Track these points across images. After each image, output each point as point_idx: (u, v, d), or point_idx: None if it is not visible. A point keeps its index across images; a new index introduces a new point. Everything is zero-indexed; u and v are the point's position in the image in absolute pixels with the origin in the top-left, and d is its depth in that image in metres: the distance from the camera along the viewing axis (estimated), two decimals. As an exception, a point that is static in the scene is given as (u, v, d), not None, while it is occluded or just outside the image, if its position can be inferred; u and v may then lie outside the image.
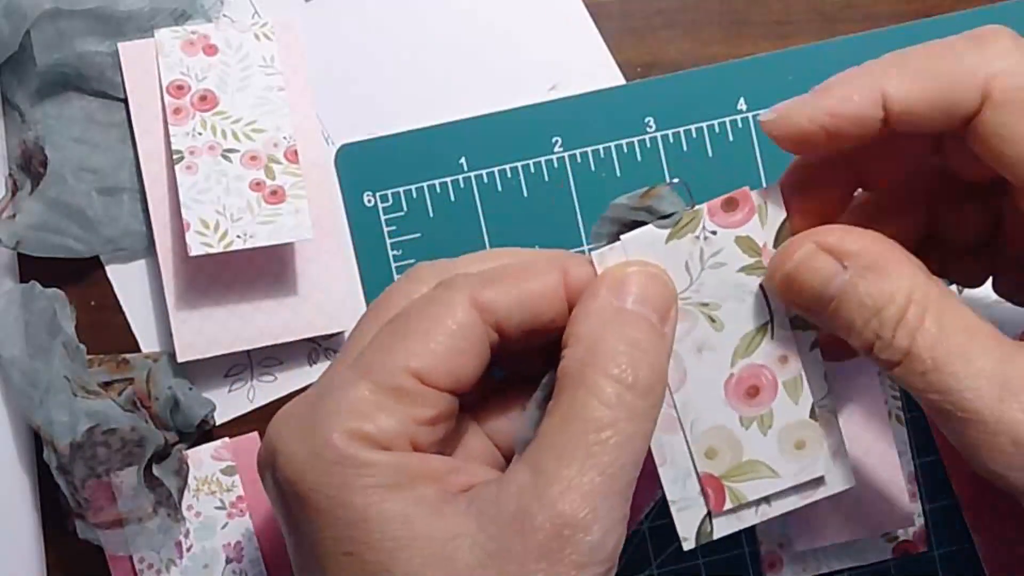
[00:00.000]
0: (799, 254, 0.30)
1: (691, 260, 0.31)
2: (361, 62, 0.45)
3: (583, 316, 0.30)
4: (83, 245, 0.43)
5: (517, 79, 0.45)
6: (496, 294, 0.30)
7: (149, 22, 0.43)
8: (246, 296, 0.44)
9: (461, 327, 0.30)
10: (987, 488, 0.44)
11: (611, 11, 0.45)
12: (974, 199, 0.33)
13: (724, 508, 0.32)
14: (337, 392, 0.29)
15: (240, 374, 0.45)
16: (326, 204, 0.44)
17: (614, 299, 0.30)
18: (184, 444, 0.44)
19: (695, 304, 0.32)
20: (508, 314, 0.30)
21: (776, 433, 0.32)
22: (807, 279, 0.29)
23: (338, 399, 0.29)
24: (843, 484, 0.33)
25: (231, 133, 0.42)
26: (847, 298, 0.29)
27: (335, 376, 0.30)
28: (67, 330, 0.43)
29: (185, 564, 0.43)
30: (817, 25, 0.45)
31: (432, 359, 0.29)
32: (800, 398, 0.32)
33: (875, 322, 0.28)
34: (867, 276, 0.29)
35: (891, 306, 0.28)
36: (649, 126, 0.45)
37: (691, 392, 0.32)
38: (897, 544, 0.44)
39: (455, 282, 0.31)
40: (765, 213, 0.31)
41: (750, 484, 0.32)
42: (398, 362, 0.29)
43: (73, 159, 0.43)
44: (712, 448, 0.32)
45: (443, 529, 0.27)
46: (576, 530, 0.27)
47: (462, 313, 0.30)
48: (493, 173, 0.44)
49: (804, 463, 0.32)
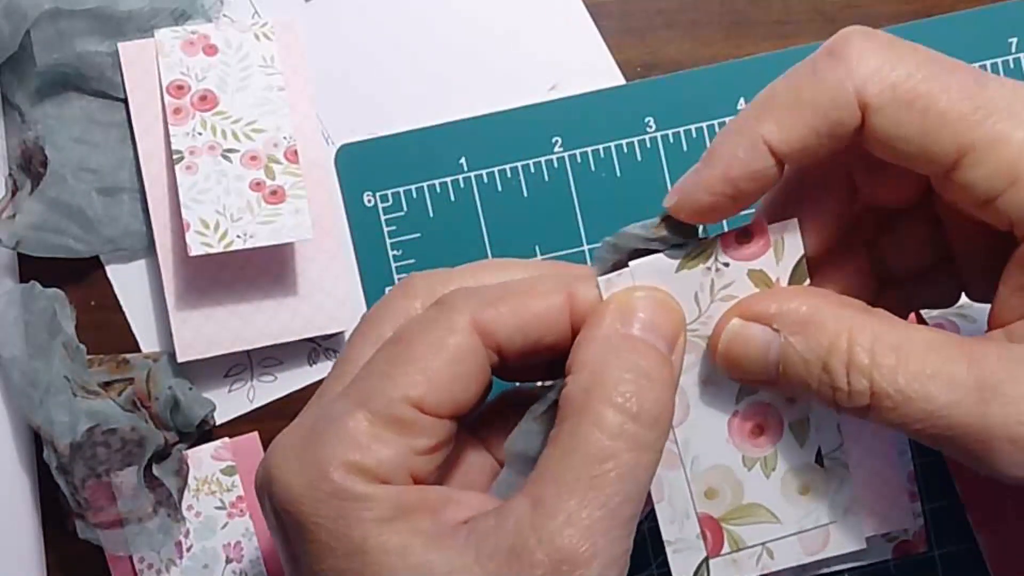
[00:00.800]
0: (727, 331, 0.29)
1: (701, 291, 0.30)
2: (361, 62, 0.45)
3: (587, 342, 0.29)
4: (83, 245, 0.43)
5: (517, 79, 0.45)
6: (498, 316, 0.29)
7: (149, 22, 0.43)
8: (246, 296, 0.44)
9: (462, 352, 0.29)
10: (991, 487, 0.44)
11: (611, 11, 0.45)
12: (909, 220, 0.32)
13: (722, 552, 0.31)
14: (335, 422, 0.28)
15: (240, 374, 0.45)
16: (326, 204, 0.44)
17: (620, 325, 0.29)
18: (184, 444, 0.44)
19: (702, 337, 0.30)
20: (510, 337, 0.29)
21: (779, 476, 0.31)
22: (744, 353, 0.29)
23: (336, 430, 0.28)
24: (853, 544, 0.31)
25: (231, 133, 0.42)
26: (790, 360, 0.28)
27: (331, 403, 0.29)
28: (67, 330, 0.43)
29: (185, 564, 0.43)
30: (817, 25, 0.45)
31: (432, 387, 0.28)
32: (806, 441, 0.31)
33: (825, 376, 0.28)
34: (801, 332, 0.28)
35: (835, 355, 0.27)
36: (649, 126, 0.45)
37: (694, 428, 0.31)
38: (897, 544, 0.44)
39: (455, 303, 0.29)
40: (781, 248, 0.30)
41: (749, 528, 0.31)
42: (397, 391, 0.28)
43: (73, 159, 0.43)
44: (712, 488, 0.31)
45: (441, 562, 0.27)
46: (575, 566, 0.26)
47: (463, 337, 0.29)
48: (493, 173, 0.44)
49: (808, 509, 0.31)
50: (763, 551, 0.31)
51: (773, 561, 0.31)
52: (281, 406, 0.45)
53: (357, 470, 0.27)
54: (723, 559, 0.31)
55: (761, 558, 0.31)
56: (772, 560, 0.31)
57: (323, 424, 0.28)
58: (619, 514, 0.27)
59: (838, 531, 0.31)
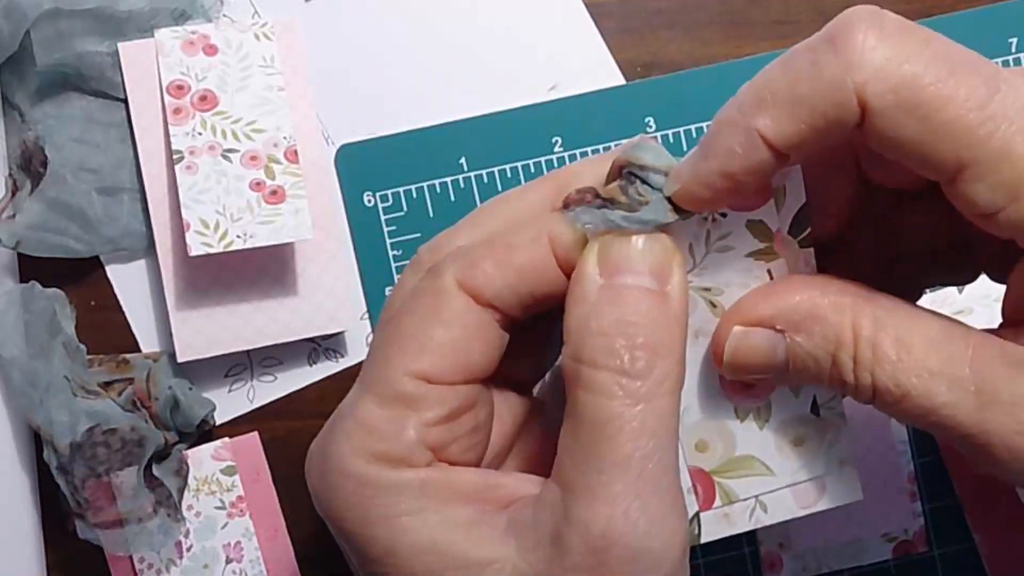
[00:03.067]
0: (730, 340, 0.28)
1: (696, 241, 0.29)
2: (361, 62, 0.45)
3: (570, 305, 0.27)
4: (83, 245, 0.43)
5: (517, 79, 0.45)
6: (483, 275, 0.27)
7: (149, 22, 0.43)
8: (246, 296, 0.44)
9: (455, 315, 0.27)
10: (988, 487, 0.44)
11: (611, 11, 0.45)
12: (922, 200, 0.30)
13: (714, 506, 0.30)
14: (344, 416, 0.27)
15: (240, 374, 0.45)
16: (326, 204, 0.44)
17: (599, 276, 0.27)
18: (184, 444, 0.44)
19: (696, 288, 0.29)
20: (499, 294, 0.28)
21: (773, 427, 0.30)
22: (751, 359, 0.28)
23: (346, 423, 0.27)
24: (848, 497, 0.31)
25: (231, 133, 0.42)
26: (798, 358, 0.27)
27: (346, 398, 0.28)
28: (67, 330, 0.43)
29: (185, 564, 0.43)
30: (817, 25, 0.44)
31: (433, 357, 0.27)
32: (801, 391, 0.30)
33: (834, 371, 0.27)
34: (804, 330, 0.27)
35: (841, 349, 0.27)
36: (649, 126, 0.45)
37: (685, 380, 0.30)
38: (897, 544, 0.44)
39: (439, 268, 0.28)
40: (782, 197, 0.29)
41: (742, 481, 0.30)
42: (398, 369, 0.27)
43: (73, 159, 0.43)
44: (703, 441, 0.30)
45: (479, 555, 0.26)
46: (610, 542, 0.25)
47: (452, 301, 0.27)
48: (493, 173, 0.44)
49: (802, 462, 0.30)
50: (756, 504, 0.30)
51: (766, 515, 0.30)
52: (281, 406, 0.45)
53: (375, 457, 0.26)
54: (715, 513, 0.30)
55: (754, 512, 0.30)
56: (765, 514, 0.30)
57: (335, 421, 0.28)
58: (644, 476, 0.25)
59: (833, 484, 0.30)
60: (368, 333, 0.45)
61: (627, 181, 0.28)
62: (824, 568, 0.44)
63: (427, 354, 0.27)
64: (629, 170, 0.28)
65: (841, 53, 0.25)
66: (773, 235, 0.29)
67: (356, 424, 0.27)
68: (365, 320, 0.45)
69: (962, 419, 0.26)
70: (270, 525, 0.44)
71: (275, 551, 0.44)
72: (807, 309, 0.27)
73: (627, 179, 0.28)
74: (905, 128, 0.25)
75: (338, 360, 0.45)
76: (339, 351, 0.45)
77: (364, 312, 0.45)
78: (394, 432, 0.27)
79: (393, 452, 0.27)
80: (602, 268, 0.27)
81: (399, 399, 0.27)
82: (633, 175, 0.28)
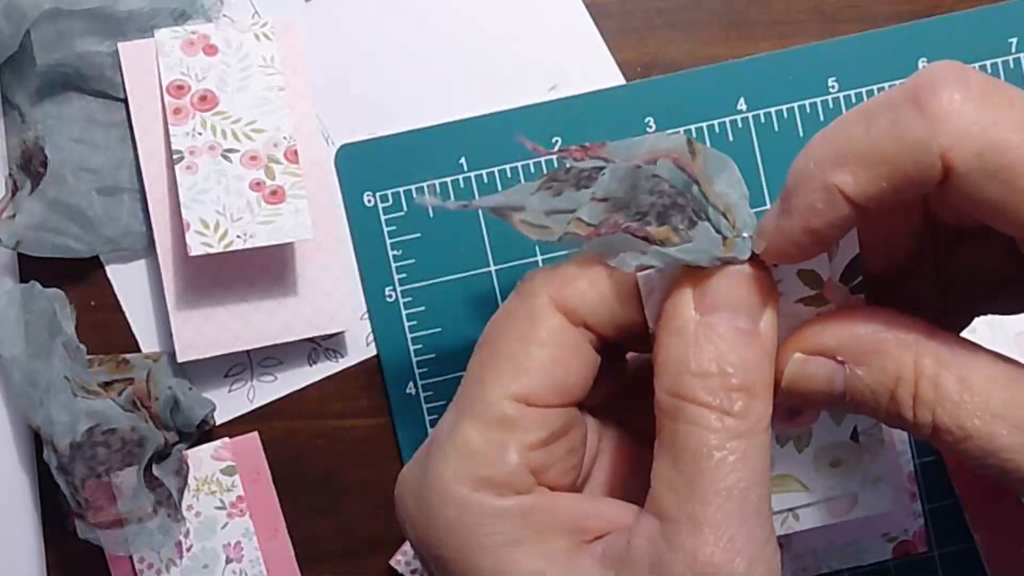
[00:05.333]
0: (789, 367, 0.28)
1: None
2: (361, 62, 0.45)
3: (664, 338, 0.27)
4: (83, 245, 0.43)
5: (517, 79, 0.45)
6: (577, 293, 0.28)
7: (149, 22, 0.43)
8: (246, 296, 0.44)
9: (551, 335, 0.27)
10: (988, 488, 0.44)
11: (611, 11, 0.45)
12: (985, 237, 0.30)
13: None
14: (444, 442, 0.27)
15: (240, 374, 0.45)
16: (326, 204, 0.44)
17: (695, 311, 0.27)
18: (184, 444, 0.44)
19: None
20: (594, 312, 0.28)
21: (812, 452, 0.31)
22: (808, 387, 0.28)
23: (445, 449, 0.27)
24: (879, 508, 0.31)
25: (231, 133, 0.42)
26: (856, 392, 0.27)
27: (442, 423, 0.28)
28: (67, 330, 0.43)
29: (185, 564, 0.43)
30: (817, 25, 0.45)
31: (530, 378, 0.27)
32: (844, 421, 0.31)
33: (892, 406, 0.27)
34: (865, 363, 0.27)
35: (901, 386, 0.26)
36: (649, 126, 0.45)
37: None
38: (897, 544, 0.44)
39: (532, 287, 0.28)
40: (835, 249, 0.28)
41: (778, 496, 0.31)
42: (496, 392, 0.27)
43: (73, 159, 0.43)
44: None
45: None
46: (716, 570, 0.25)
47: (547, 320, 0.27)
48: (493, 173, 0.44)
49: (838, 479, 0.31)
50: (789, 515, 0.31)
51: (798, 523, 0.31)
52: (281, 406, 0.45)
53: (478, 483, 0.26)
54: None
55: (786, 520, 0.31)
56: (797, 522, 0.31)
57: (433, 448, 0.27)
58: (746, 506, 0.26)
59: (866, 498, 0.31)
60: (368, 333, 0.45)
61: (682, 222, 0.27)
62: (824, 568, 0.44)
63: (525, 375, 0.27)
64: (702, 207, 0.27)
65: (926, 114, 0.24)
66: (824, 283, 0.29)
67: (457, 449, 0.27)
68: (365, 320, 0.45)
69: (1021, 464, 0.25)
70: (270, 525, 0.44)
71: (275, 551, 0.44)
72: (870, 342, 0.27)
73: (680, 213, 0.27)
74: (988, 190, 0.24)
75: (338, 360, 0.45)
76: (339, 351, 0.45)
77: (364, 312, 0.45)
78: (496, 457, 0.26)
79: (496, 477, 0.26)
80: (698, 303, 0.27)
81: (500, 422, 0.27)
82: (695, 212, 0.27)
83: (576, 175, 0.29)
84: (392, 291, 0.44)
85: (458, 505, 0.26)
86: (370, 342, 0.45)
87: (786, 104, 0.44)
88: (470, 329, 0.44)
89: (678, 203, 0.28)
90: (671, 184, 0.28)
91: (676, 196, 0.28)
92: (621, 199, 0.28)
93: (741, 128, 0.44)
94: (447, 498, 0.26)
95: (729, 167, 0.28)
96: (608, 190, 0.28)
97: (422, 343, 0.44)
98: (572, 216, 0.28)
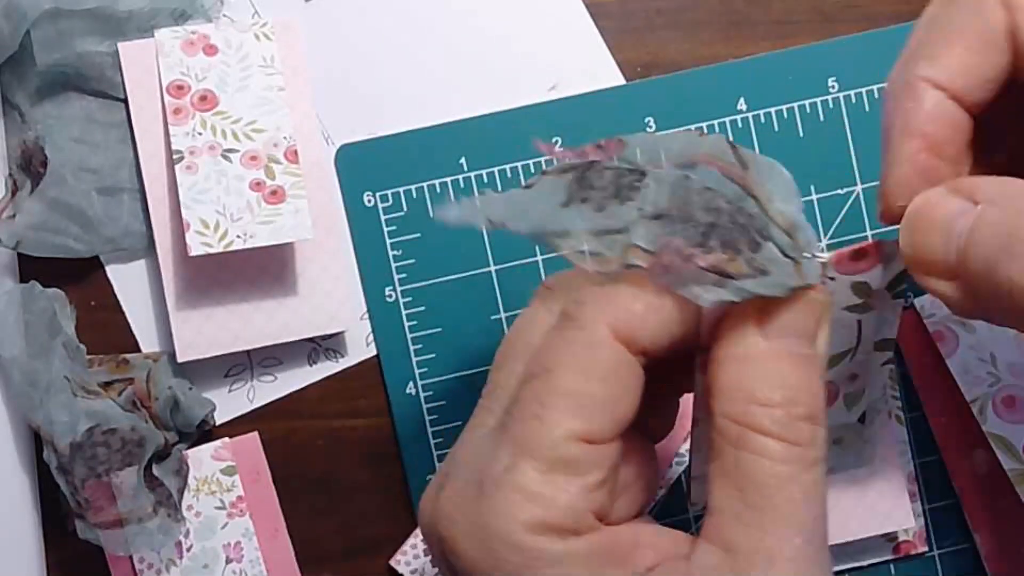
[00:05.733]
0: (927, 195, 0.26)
1: None
2: (361, 62, 0.45)
3: (727, 363, 0.26)
4: (83, 245, 0.43)
5: (517, 79, 0.45)
6: (638, 320, 0.27)
7: (149, 22, 0.43)
8: (246, 296, 0.44)
9: (612, 368, 0.26)
10: (988, 487, 0.44)
11: (611, 11, 0.45)
12: None
13: None
14: (503, 481, 0.26)
15: (240, 374, 0.45)
16: (326, 204, 0.44)
17: (759, 336, 0.26)
18: (184, 444, 0.44)
19: None
20: (655, 339, 0.27)
21: None
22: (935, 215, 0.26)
23: (507, 492, 0.26)
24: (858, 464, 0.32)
25: (231, 133, 0.42)
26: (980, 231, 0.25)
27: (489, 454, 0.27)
28: (67, 330, 0.43)
29: (185, 564, 0.43)
30: (817, 25, 0.45)
31: (592, 415, 0.26)
32: (855, 408, 0.31)
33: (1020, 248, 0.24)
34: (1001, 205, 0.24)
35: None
36: (649, 126, 0.45)
37: None
38: (897, 544, 0.44)
39: (585, 314, 0.27)
40: (890, 263, 0.28)
41: None
42: (558, 432, 0.26)
43: (73, 159, 0.43)
44: None
45: None
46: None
47: (608, 352, 0.26)
48: (493, 173, 0.44)
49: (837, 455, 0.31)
50: None
51: None
52: (281, 406, 0.45)
53: (544, 527, 0.26)
54: None
55: None
56: None
57: (490, 484, 0.26)
58: (815, 538, 0.26)
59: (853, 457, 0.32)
60: (368, 333, 0.45)
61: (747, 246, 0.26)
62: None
63: (587, 413, 0.26)
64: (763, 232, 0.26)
65: None
66: (872, 293, 0.29)
67: (519, 492, 0.26)
68: (365, 320, 0.45)
69: None
70: (270, 525, 0.44)
71: (275, 551, 0.44)
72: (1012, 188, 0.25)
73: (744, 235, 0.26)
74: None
75: (338, 360, 0.45)
76: (339, 351, 0.45)
77: (364, 312, 0.45)
78: (563, 501, 0.26)
79: (564, 522, 0.26)
80: (761, 327, 0.27)
81: (563, 464, 0.26)
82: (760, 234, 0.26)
83: (614, 182, 0.28)
84: (392, 291, 0.44)
85: (526, 551, 0.26)
86: (370, 342, 0.45)
87: (786, 104, 0.44)
88: (470, 329, 0.44)
89: (739, 222, 0.27)
90: (726, 199, 0.27)
91: (735, 214, 0.27)
92: (675, 216, 0.27)
93: (741, 128, 0.44)
94: (511, 543, 0.26)
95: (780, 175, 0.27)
96: (657, 204, 0.27)
97: (422, 343, 0.44)
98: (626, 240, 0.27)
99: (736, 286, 0.26)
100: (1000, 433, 0.41)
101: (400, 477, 0.45)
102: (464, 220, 0.29)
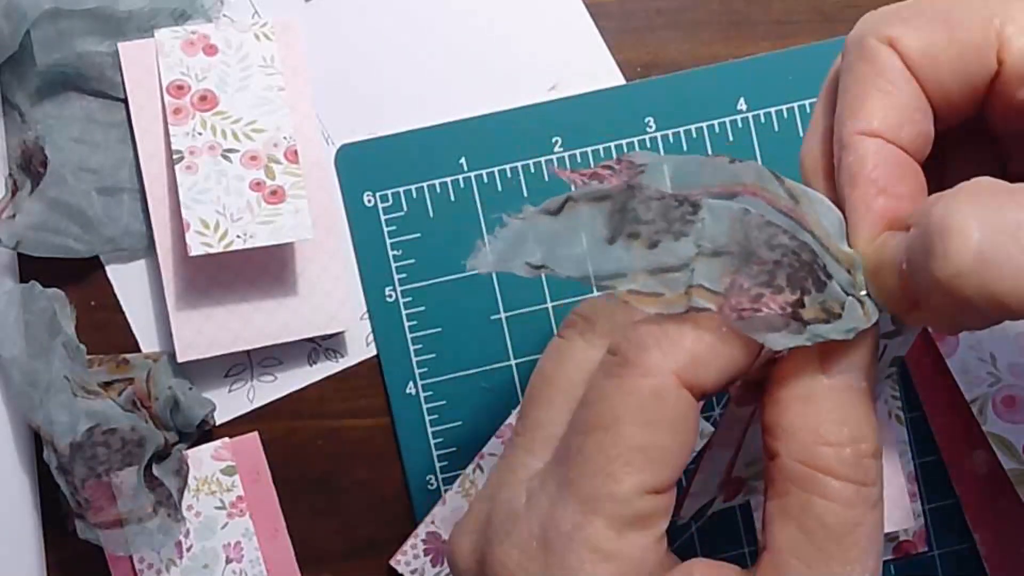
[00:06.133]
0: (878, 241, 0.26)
1: None
2: (361, 62, 0.45)
3: (790, 402, 0.26)
4: (83, 245, 0.43)
5: (517, 79, 0.45)
6: (702, 368, 0.26)
7: (149, 22, 0.43)
8: (246, 296, 0.44)
9: (681, 418, 0.26)
10: (987, 487, 0.44)
11: (611, 11, 0.45)
12: None
13: (735, 500, 0.32)
14: (572, 538, 0.26)
15: (240, 374, 0.45)
16: (326, 204, 0.44)
17: (821, 374, 0.26)
18: (184, 444, 0.44)
19: None
20: (717, 382, 0.26)
21: None
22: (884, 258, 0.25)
23: (578, 550, 0.26)
24: None
25: (231, 133, 0.42)
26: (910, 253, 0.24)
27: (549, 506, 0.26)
28: (67, 330, 0.43)
29: (185, 564, 0.43)
30: (817, 25, 0.45)
31: (661, 467, 0.26)
32: None
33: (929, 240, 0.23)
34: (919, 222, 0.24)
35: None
36: (649, 126, 0.45)
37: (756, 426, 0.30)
38: (897, 544, 0.44)
39: (652, 360, 0.26)
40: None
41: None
42: (629, 487, 0.26)
43: (73, 159, 0.43)
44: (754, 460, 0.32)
45: None
46: None
47: (675, 401, 0.26)
48: (493, 173, 0.44)
49: None
50: None
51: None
52: (281, 406, 0.45)
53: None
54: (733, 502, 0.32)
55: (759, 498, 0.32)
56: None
57: (559, 542, 0.26)
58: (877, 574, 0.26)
59: None
60: (368, 333, 0.45)
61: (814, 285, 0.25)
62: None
63: (656, 466, 0.26)
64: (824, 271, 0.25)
65: None
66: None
67: (594, 552, 0.26)
68: (365, 320, 0.45)
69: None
70: (270, 525, 0.44)
71: (275, 551, 0.44)
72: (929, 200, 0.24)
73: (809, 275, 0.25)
74: None
75: (338, 360, 0.45)
76: (339, 351, 0.45)
77: (364, 312, 0.45)
78: (637, 556, 0.26)
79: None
80: (823, 365, 0.26)
81: (637, 520, 0.26)
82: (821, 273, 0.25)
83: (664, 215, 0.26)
84: (392, 291, 0.44)
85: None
86: (370, 342, 0.45)
87: (786, 104, 0.44)
88: (470, 329, 0.44)
89: (803, 259, 0.25)
90: (789, 235, 0.25)
91: (799, 250, 0.25)
92: (738, 254, 0.25)
93: (741, 128, 0.44)
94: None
95: (831, 211, 0.26)
96: (715, 240, 0.26)
97: (422, 343, 0.44)
98: (687, 279, 0.25)
99: (813, 332, 0.25)
100: (1000, 433, 0.41)
101: (400, 477, 0.45)
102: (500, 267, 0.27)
